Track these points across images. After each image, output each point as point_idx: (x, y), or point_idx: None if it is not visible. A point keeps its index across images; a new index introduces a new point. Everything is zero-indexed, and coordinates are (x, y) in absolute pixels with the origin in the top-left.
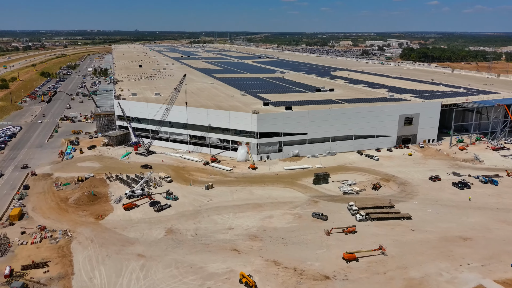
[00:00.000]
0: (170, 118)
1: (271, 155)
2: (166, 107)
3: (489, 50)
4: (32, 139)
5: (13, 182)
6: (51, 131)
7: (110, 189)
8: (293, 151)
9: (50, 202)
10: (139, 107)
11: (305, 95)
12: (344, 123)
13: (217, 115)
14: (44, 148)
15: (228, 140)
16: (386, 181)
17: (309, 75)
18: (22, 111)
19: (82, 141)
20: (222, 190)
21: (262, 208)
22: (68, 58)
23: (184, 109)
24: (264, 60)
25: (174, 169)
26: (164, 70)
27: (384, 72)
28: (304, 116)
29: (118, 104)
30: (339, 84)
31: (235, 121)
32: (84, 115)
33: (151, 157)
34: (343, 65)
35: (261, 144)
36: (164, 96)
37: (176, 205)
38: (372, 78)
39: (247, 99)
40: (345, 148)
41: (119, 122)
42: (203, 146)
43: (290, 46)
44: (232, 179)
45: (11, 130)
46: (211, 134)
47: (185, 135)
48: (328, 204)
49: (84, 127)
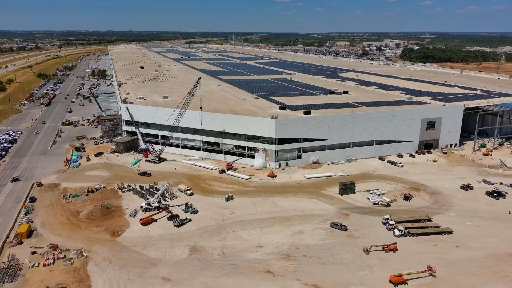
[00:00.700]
0: (183, 123)
1: (289, 162)
2: (180, 111)
3: (488, 50)
4: (34, 145)
5: (17, 194)
6: (54, 136)
7: (123, 201)
8: (312, 158)
9: (60, 216)
10: (149, 112)
11: (319, 98)
12: (365, 128)
13: (233, 120)
14: (48, 156)
15: (243, 147)
16: (416, 190)
17: (317, 77)
18: (21, 114)
19: (88, 147)
20: (244, 202)
21: (290, 222)
22: (64, 59)
23: (198, 114)
24: (266, 61)
25: (189, 178)
26: (167, 71)
27: (392, 73)
28: (325, 121)
29: (126, 109)
30: (350, 86)
31: (252, 127)
32: (87, 119)
33: (162, 164)
34: (348, 66)
35: (280, 150)
36: (173, 100)
37: (197, 219)
38: (383, 80)
39: (260, 103)
40: (366, 154)
41: (126, 127)
42: (217, 153)
43: (287, 46)
44: (252, 189)
45: (11, 136)
46: (226, 140)
47: (197, 141)
48: (360, 217)
49: (88, 132)
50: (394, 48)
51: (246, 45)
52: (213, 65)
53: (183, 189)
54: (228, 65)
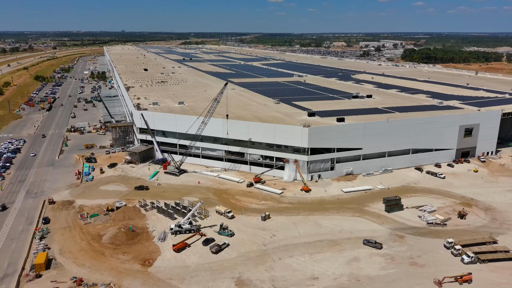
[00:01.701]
0: (204, 132)
1: (322, 173)
2: (203, 119)
3: (488, 51)
4: (40, 155)
5: (28, 214)
6: (60, 145)
7: (148, 222)
8: (346, 169)
9: (80, 241)
10: (166, 119)
11: (343, 103)
12: (401, 136)
13: (260, 128)
14: (56, 167)
15: (271, 157)
16: (467, 206)
17: (330, 79)
18: (21, 120)
19: (99, 157)
20: (282, 222)
21: (341, 246)
22: (60, 60)
23: (221, 122)
24: (271, 62)
25: (215, 192)
26: (173, 74)
27: (406, 75)
28: (360, 128)
29: (141, 116)
30: (370, 89)
31: (281, 135)
32: (93, 126)
33: (183, 177)
34: (357, 67)
35: (312, 161)
36: (189, 105)
37: (235, 243)
38: (401, 82)
39: (283, 108)
40: (402, 164)
41: (140, 136)
42: (241, 163)
43: (284, 47)
44: (288, 206)
45: (14, 145)
46: (252, 150)
47: (220, 150)
48: (417, 240)
49: (96, 140)
50: (392, 48)
51: (242, 46)
52: (218, 66)
53: (222, 211)
54: (233, 66)
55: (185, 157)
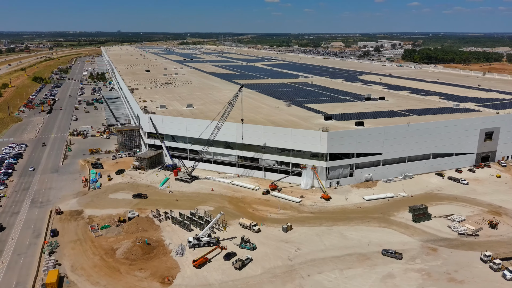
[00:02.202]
0: (217, 137)
1: (341, 180)
2: (217, 124)
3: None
4: (43, 161)
5: (35, 225)
6: (63, 149)
7: (163, 234)
8: (365, 175)
9: (92, 256)
10: (176, 123)
11: (357, 105)
12: (422, 140)
13: (275, 132)
14: (61, 174)
15: (287, 163)
16: (496, 214)
17: (337, 80)
18: (22, 123)
19: (105, 163)
20: (306, 233)
21: (371, 261)
22: (57, 61)
23: (234, 126)
24: (273, 63)
25: (230, 200)
26: (177, 75)
27: (413, 75)
28: (380, 133)
29: (150, 120)
30: (380, 91)
31: (298, 140)
32: (97, 129)
33: (195, 184)
34: (362, 68)
35: (331, 167)
36: (198, 108)
37: (258, 257)
38: (410, 83)
39: (296, 111)
40: (422, 169)
41: (148, 141)
42: (255, 169)
43: (282, 47)
44: (309, 215)
45: (15, 149)
46: (267, 156)
47: (232, 156)
48: (451, 253)
49: (101, 144)
50: (391, 48)
51: (240, 46)
52: (220, 67)
53: (247, 224)
54: (236, 67)
55: (197, 163)
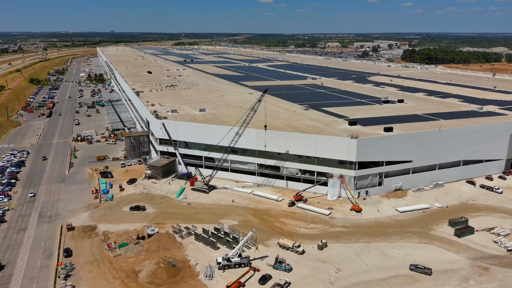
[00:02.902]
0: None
1: (369, 189)
2: (238, 130)
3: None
4: (47, 169)
5: (45, 244)
6: (68, 156)
7: (187, 253)
8: (395, 184)
9: (113, 280)
10: (191, 129)
11: (377, 109)
12: (452, 146)
13: (299, 139)
14: (68, 184)
15: (312, 172)
16: None
17: (346, 81)
18: (21, 128)
19: (114, 171)
20: (343, 251)
21: (422, 283)
22: (53, 62)
23: (256, 133)
24: (276, 64)
25: (254, 213)
26: (181, 77)
27: (423, 76)
28: (410, 139)
29: (163, 126)
30: (395, 93)
31: (324, 148)
32: (101, 134)
33: (214, 194)
34: (367, 69)
35: (359, 176)
36: (211, 113)
37: (296, 280)
38: (423, 85)
39: (315, 115)
40: (452, 177)
41: (160, 147)
42: (276, 178)
43: (279, 47)
44: (342, 230)
45: (17, 157)
46: (289, 164)
47: (251, 163)
48: (505, 273)
49: (107, 150)
50: (387, 49)
51: (237, 46)
52: (223, 68)
53: (289, 246)
54: (239, 68)
55: (216, 171)
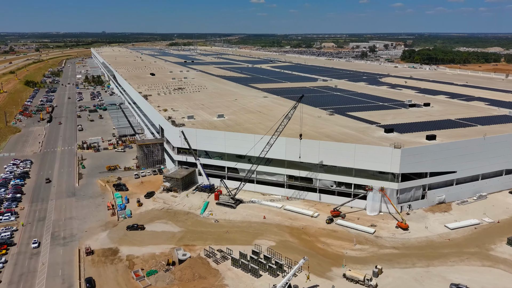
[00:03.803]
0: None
1: (412, 203)
2: (269, 140)
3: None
4: (54, 181)
5: (63, 272)
6: (75, 166)
7: (227, 282)
8: (438, 197)
9: None
10: (213, 138)
11: (405, 113)
12: (496, 155)
13: (336, 149)
14: (80, 198)
15: (349, 184)
16: None
17: (358, 83)
18: (21, 135)
19: (128, 183)
20: (401, 278)
21: None
22: (47, 63)
23: (285, 142)
24: (280, 65)
25: (290, 232)
26: (186, 79)
27: (436, 77)
28: (455, 148)
29: (182, 134)
30: (414, 96)
31: (364, 158)
32: (108, 141)
33: (241, 209)
34: (375, 70)
35: (402, 189)
36: (230, 118)
37: None
38: (441, 87)
39: (344, 121)
40: (495, 188)
41: (178, 157)
42: (307, 191)
43: (275, 48)
44: (394, 252)
45: (19, 167)
46: (324, 175)
47: (280, 175)
48: None
49: (116, 159)
50: (384, 49)
51: (232, 47)
52: (227, 70)
53: (359, 278)
54: (244, 70)
55: (243, 183)
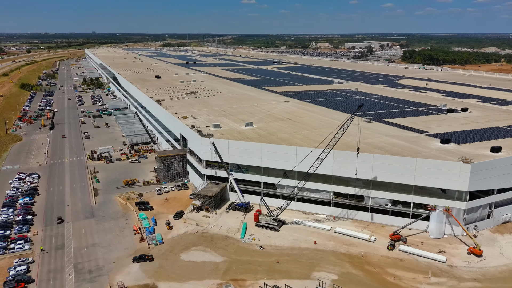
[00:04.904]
0: (299, 167)
1: (478, 223)
2: (320, 154)
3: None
4: (67, 199)
5: None
6: (88, 180)
7: None
8: (504, 215)
9: None
10: (248, 150)
11: (447, 120)
12: None
13: (392, 163)
14: (100, 219)
15: (407, 202)
16: None
17: (377, 86)
18: (22, 144)
19: (151, 200)
20: None
21: None
22: (40, 65)
23: (334, 156)
24: (286, 66)
25: (350, 261)
26: (195, 82)
27: (452, 79)
28: None
29: (213, 146)
30: (442, 99)
31: (426, 174)
32: (119, 150)
33: (285, 231)
34: (388, 71)
35: (470, 209)
36: (260, 127)
37: None
38: (467, 90)
39: (388, 130)
40: None
41: (207, 171)
42: (357, 210)
43: (271, 48)
44: (476, 286)
45: (26, 182)
46: (377, 192)
47: (325, 192)
48: None
49: (132, 172)
50: (380, 49)
51: (227, 47)
52: (234, 72)
53: None
54: (251, 72)
55: (288, 202)
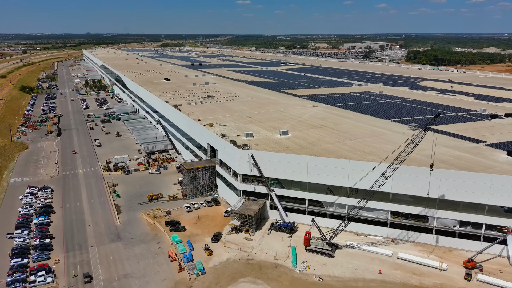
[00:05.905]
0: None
1: None
2: (384, 171)
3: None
4: (87, 218)
5: None
6: (107, 194)
7: None
8: None
9: None
10: (291, 163)
11: (496, 127)
12: None
13: (463, 180)
14: (128, 243)
15: (478, 224)
16: None
17: (398, 88)
18: (29, 152)
19: (181, 218)
20: None
21: None
22: (38, 66)
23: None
24: (295, 67)
25: None
26: (208, 85)
27: (473, 81)
28: None
29: (251, 158)
30: (474, 102)
31: (502, 193)
32: (135, 159)
33: (341, 257)
34: (404, 73)
35: None
36: (296, 136)
37: None
38: (494, 92)
39: (439, 139)
40: None
41: (243, 186)
42: (419, 231)
43: (270, 49)
44: None
45: (39, 198)
46: (444, 212)
47: (382, 211)
48: None
49: (153, 184)
50: (380, 50)
51: (226, 48)
52: (244, 73)
53: None
54: (262, 74)
55: (346, 223)
